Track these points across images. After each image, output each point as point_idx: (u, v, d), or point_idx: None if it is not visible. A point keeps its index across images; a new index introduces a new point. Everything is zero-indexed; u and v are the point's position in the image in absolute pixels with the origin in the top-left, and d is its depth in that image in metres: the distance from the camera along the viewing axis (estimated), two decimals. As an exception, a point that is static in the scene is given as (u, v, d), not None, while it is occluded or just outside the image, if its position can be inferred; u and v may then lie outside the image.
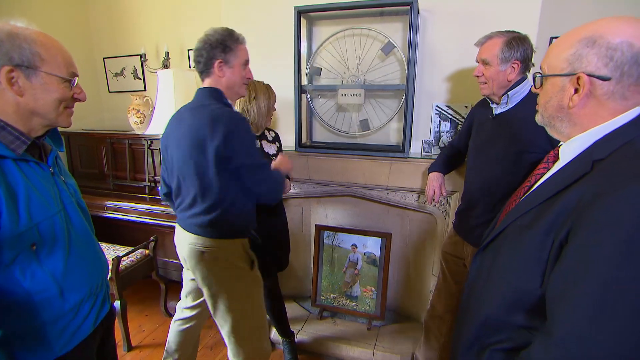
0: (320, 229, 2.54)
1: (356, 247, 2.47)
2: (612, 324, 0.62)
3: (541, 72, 0.83)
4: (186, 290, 1.76)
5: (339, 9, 2.04)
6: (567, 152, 0.80)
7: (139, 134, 2.88)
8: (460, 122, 2.06)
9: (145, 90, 3.32)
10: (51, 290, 0.92)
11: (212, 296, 1.51)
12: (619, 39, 0.69)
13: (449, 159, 1.89)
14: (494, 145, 1.53)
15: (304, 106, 2.30)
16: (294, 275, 2.70)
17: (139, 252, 2.46)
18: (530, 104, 1.29)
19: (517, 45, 1.42)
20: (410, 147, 2.10)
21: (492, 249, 0.90)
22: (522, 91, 1.47)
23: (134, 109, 2.92)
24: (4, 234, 0.82)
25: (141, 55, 3.15)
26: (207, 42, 1.41)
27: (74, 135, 3.12)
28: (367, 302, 2.45)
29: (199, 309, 1.77)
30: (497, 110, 1.54)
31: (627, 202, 0.62)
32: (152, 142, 2.81)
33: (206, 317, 1.78)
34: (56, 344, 0.94)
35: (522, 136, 1.43)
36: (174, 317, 1.81)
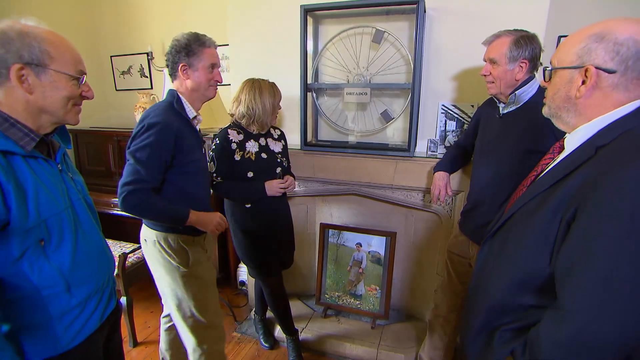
0: (325, 227, 2.54)
1: (361, 246, 2.47)
2: (621, 295, 0.65)
3: (551, 66, 0.88)
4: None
5: (346, 7, 2.04)
6: (572, 141, 0.85)
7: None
8: (466, 122, 2.05)
9: (151, 88, 3.34)
10: (59, 285, 0.93)
11: (156, 282, 1.59)
12: (626, 36, 0.74)
13: (455, 159, 1.88)
14: (501, 144, 1.52)
15: (310, 105, 2.30)
16: (299, 273, 2.70)
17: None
18: (537, 103, 1.29)
19: (525, 44, 1.41)
20: (415, 146, 2.10)
21: (500, 235, 0.93)
22: (529, 90, 1.45)
23: (140, 106, 2.94)
24: (13, 229, 0.83)
25: (148, 53, 3.18)
26: (173, 47, 1.46)
27: (81, 132, 3.15)
28: (371, 301, 2.45)
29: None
30: (505, 109, 1.53)
31: (630, 178, 0.66)
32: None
33: None
34: (63, 338, 0.95)
35: (529, 135, 1.42)
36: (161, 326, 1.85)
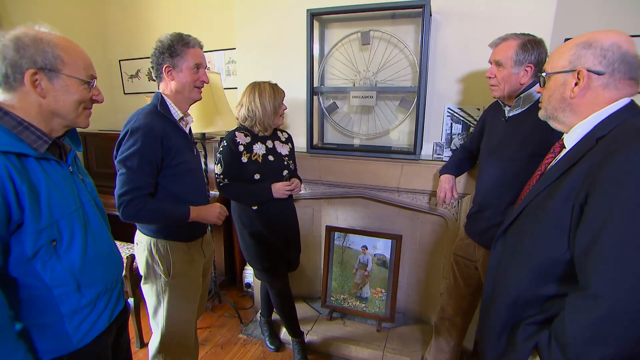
0: (330, 230, 2.55)
1: (366, 249, 2.47)
2: (638, 269, 0.68)
3: (545, 73, 0.98)
4: None
5: (352, 11, 2.05)
6: (572, 138, 0.93)
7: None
8: (472, 125, 2.05)
9: (159, 91, 3.37)
10: (69, 285, 0.95)
11: (141, 283, 1.57)
12: (609, 42, 0.85)
13: (461, 162, 1.88)
14: (506, 147, 1.52)
15: (316, 108, 2.32)
16: (304, 275, 2.71)
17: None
18: None
19: (532, 48, 1.41)
20: (421, 149, 2.10)
21: (513, 232, 0.97)
22: (535, 94, 1.45)
23: (148, 110, 2.97)
24: (26, 230, 0.85)
25: (156, 57, 3.21)
26: (156, 48, 1.43)
27: (90, 135, 3.19)
28: (376, 304, 2.45)
29: None
30: (510, 112, 1.53)
31: (634, 157, 0.72)
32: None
33: (199, 314, 1.79)
34: (74, 337, 0.97)
35: (535, 138, 1.42)
36: None
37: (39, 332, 0.92)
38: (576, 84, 0.89)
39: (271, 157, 1.93)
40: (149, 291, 1.55)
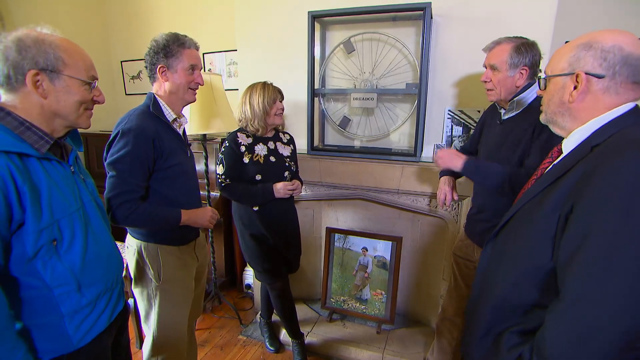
0: (331, 231, 2.55)
1: (367, 250, 2.47)
2: (618, 281, 0.66)
3: (545, 75, 0.94)
4: None
5: (353, 14, 2.06)
6: (569, 144, 0.89)
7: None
8: (472, 127, 2.06)
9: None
10: (70, 284, 0.95)
11: (132, 286, 1.55)
12: (611, 44, 0.80)
13: None
14: (501, 149, 1.53)
15: (317, 109, 2.32)
16: (304, 277, 2.71)
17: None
18: (536, 109, 1.33)
19: (526, 51, 1.42)
20: (422, 151, 2.10)
21: (503, 236, 0.95)
22: (529, 97, 1.46)
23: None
24: (27, 229, 0.86)
25: (157, 58, 3.22)
26: (151, 48, 1.40)
27: (91, 136, 3.20)
28: (377, 306, 2.45)
29: None
30: (505, 115, 1.54)
31: (621, 167, 0.69)
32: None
33: (195, 317, 1.79)
34: (74, 337, 0.97)
35: (527, 141, 1.43)
36: None
37: (39, 332, 0.92)
38: (575, 88, 0.85)
39: (273, 158, 1.94)
40: (140, 295, 1.52)
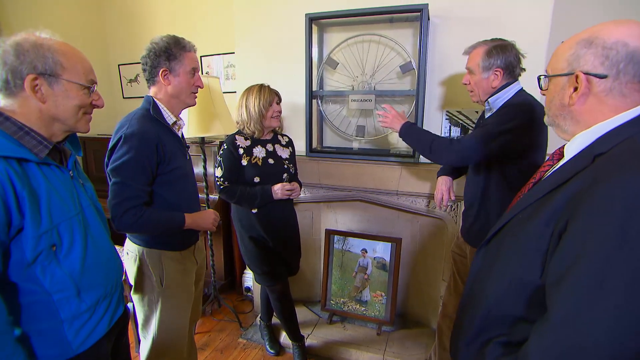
0: (330, 233, 2.55)
1: (366, 252, 2.47)
2: (607, 306, 0.62)
3: (546, 74, 0.87)
4: None
5: (350, 15, 2.07)
6: (571, 149, 0.83)
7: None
8: (470, 127, 2.06)
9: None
10: (69, 290, 0.95)
11: (131, 292, 1.53)
12: (614, 39, 0.72)
13: None
14: None
15: (315, 111, 2.32)
16: (304, 279, 2.70)
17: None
18: (512, 105, 1.44)
19: (497, 53, 1.47)
20: (420, 152, 2.10)
21: (495, 243, 0.91)
22: (504, 97, 1.51)
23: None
24: (26, 235, 0.85)
25: (155, 61, 3.21)
26: (151, 50, 1.38)
27: (89, 140, 3.19)
28: (376, 307, 2.44)
29: None
30: (487, 114, 1.60)
31: (621, 188, 0.63)
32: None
33: (194, 320, 1.78)
34: (73, 342, 0.96)
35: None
36: None
37: (39, 338, 0.91)
38: (575, 90, 0.77)
39: (271, 160, 1.94)
40: (140, 301, 1.51)
